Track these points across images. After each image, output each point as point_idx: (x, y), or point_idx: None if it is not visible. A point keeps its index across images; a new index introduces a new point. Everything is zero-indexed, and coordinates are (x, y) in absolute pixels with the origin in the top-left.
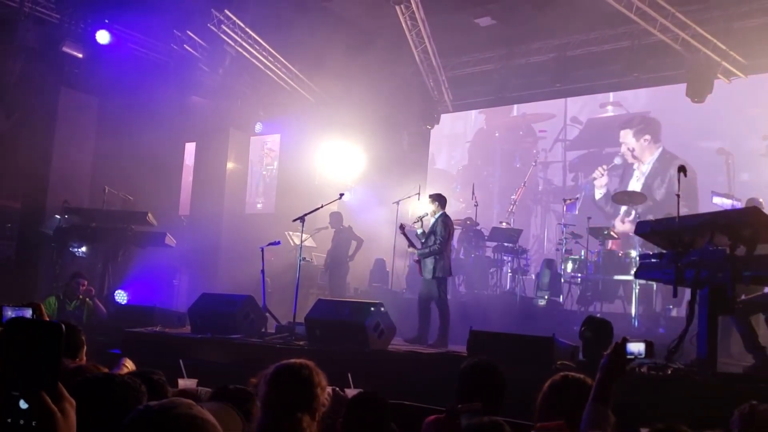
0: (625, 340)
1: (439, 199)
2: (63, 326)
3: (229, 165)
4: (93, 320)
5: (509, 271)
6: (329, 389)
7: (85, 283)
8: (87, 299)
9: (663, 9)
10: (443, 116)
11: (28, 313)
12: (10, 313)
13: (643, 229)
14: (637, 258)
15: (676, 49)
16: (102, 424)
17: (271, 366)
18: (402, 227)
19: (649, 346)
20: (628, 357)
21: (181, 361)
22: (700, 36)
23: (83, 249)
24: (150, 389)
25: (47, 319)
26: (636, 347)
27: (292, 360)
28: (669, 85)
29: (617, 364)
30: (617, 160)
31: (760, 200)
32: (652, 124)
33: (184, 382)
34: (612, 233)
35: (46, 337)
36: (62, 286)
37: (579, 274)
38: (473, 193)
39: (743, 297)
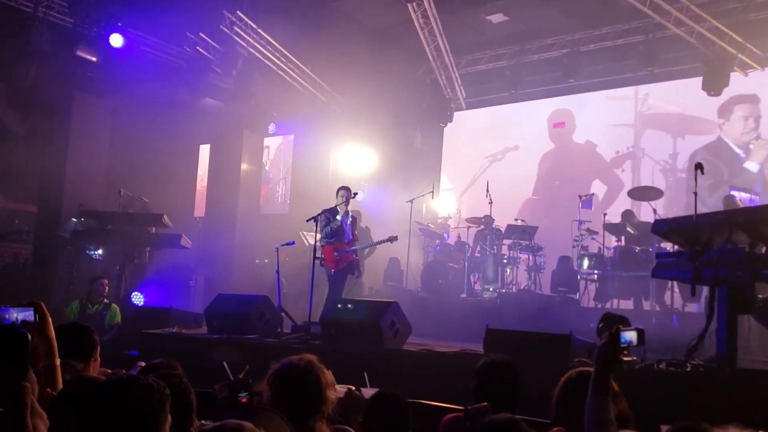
0: (618, 330)
1: None
2: (28, 335)
3: (243, 166)
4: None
5: (525, 268)
6: (344, 389)
7: (106, 281)
8: (113, 304)
9: (677, 2)
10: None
11: (30, 313)
12: (15, 314)
13: (660, 227)
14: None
15: (691, 42)
16: (125, 427)
17: (273, 366)
18: None
19: (640, 333)
20: (622, 345)
21: (225, 364)
22: (715, 28)
23: (99, 251)
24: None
25: (50, 319)
26: (629, 335)
27: (295, 359)
28: (684, 79)
29: (611, 354)
30: None
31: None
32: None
33: None
34: (629, 229)
35: (10, 345)
36: (86, 291)
37: (595, 271)
38: (487, 190)
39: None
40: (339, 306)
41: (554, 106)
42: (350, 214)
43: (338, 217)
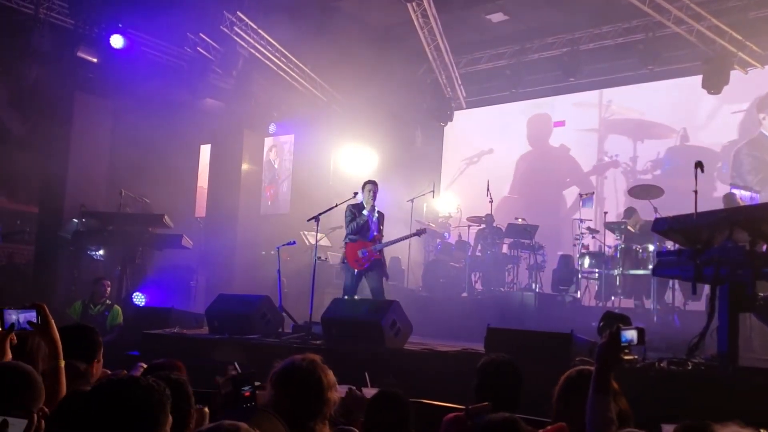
0: (618, 328)
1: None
2: None
3: (244, 166)
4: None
5: (526, 267)
6: (344, 390)
7: (108, 282)
8: (115, 305)
9: (677, 0)
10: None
11: (33, 315)
12: (14, 316)
13: (660, 226)
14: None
15: (691, 40)
16: (125, 427)
17: (277, 365)
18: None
19: (641, 332)
20: (623, 344)
21: (236, 363)
22: (715, 27)
23: (101, 252)
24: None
25: (52, 320)
26: (630, 334)
27: (298, 358)
28: (684, 77)
29: (612, 353)
30: None
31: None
32: None
33: None
34: (629, 228)
35: None
36: (88, 291)
37: (596, 270)
38: (488, 189)
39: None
40: (340, 305)
41: (538, 108)
42: (376, 209)
43: (365, 212)
